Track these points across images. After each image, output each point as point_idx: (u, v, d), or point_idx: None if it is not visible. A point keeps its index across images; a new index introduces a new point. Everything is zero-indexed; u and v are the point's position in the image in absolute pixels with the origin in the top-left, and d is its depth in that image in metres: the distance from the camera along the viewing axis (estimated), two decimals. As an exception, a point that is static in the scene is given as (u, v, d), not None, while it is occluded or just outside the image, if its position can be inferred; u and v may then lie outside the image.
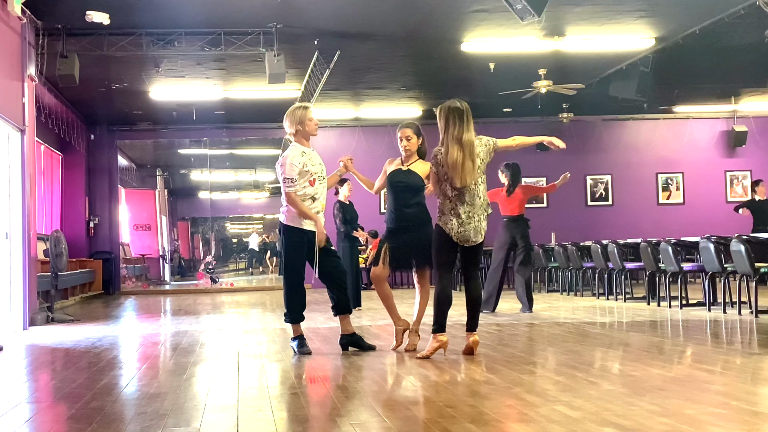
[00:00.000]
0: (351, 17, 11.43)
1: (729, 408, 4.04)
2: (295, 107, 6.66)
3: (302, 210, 6.39)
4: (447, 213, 6.04)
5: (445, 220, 6.05)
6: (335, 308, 6.60)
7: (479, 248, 6.13)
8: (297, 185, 6.38)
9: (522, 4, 8.98)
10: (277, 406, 4.43)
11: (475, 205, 6.03)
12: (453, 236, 6.00)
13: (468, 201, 6.01)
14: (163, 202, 24.68)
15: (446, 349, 6.09)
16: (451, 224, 6.01)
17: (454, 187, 6.00)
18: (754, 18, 10.89)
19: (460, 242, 6.02)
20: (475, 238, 6.04)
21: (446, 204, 6.05)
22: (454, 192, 6.01)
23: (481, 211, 6.07)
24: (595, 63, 13.99)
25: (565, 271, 13.89)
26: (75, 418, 4.24)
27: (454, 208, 6.01)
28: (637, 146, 19.35)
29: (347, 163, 6.83)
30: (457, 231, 5.99)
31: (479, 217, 6.04)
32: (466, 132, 6.03)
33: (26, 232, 9.98)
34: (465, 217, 5.99)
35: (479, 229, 6.05)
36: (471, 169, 5.99)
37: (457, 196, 6.01)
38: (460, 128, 6.02)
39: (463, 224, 5.99)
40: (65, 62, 11.33)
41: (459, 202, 6.00)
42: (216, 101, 16.12)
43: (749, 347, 6.45)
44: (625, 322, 8.86)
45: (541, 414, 3.94)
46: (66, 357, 7.13)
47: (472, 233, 6.02)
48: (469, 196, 6.01)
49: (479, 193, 6.07)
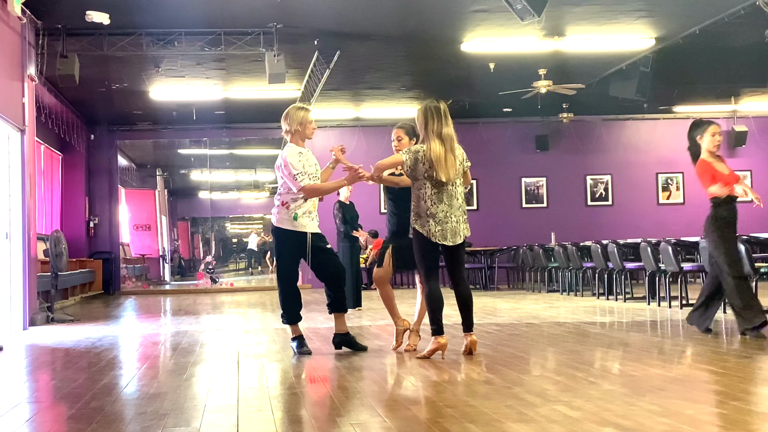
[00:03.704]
0: (351, 17, 11.43)
1: (729, 408, 4.04)
2: (296, 107, 6.64)
3: (329, 187, 6.63)
4: (423, 215, 6.01)
5: (421, 222, 6.02)
6: (331, 306, 6.58)
7: (461, 249, 6.09)
8: (306, 177, 6.35)
9: (522, 4, 8.98)
10: (277, 406, 4.43)
11: (453, 205, 6.00)
12: (431, 237, 5.98)
13: (446, 201, 5.99)
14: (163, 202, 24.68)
15: (445, 351, 6.08)
16: (428, 226, 5.98)
17: (435, 184, 5.98)
18: (754, 18, 10.90)
19: (438, 242, 6.01)
20: (453, 239, 6.00)
21: (421, 206, 6.02)
22: (432, 191, 6.00)
23: (460, 213, 6.03)
24: (595, 63, 13.99)
25: (565, 271, 13.89)
26: (75, 418, 4.24)
27: (429, 208, 5.98)
28: (637, 146, 19.36)
29: (338, 154, 6.71)
30: (434, 231, 5.97)
31: (457, 218, 6.01)
32: (446, 126, 6.02)
33: (26, 232, 9.98)
34: (442, 216, 5.97)
35: (457, 230, 6.00)
36: (453, 163, 5.98)
37: (436, 195, 5.98)
38: (439, 123, 6.01)
39: (441, 223, 5.97)
40: (65, 62, 11.33)
41: (437, 201, 5.98)
42: (216, 101, 16.13)
43: (749, 347, 6.44)
44: (625, 322, 8.86)
45: (541, 414, 3.94)
46: (66, 357, 7.12)
47: (450, 234, 5.98)
48: (447, 196, 5.99)
49: (458, 194, 6.05)
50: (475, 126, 18.17)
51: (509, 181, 19.08)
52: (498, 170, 18.81)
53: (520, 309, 10.74)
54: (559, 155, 19.20)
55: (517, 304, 11.63)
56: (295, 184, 6.36)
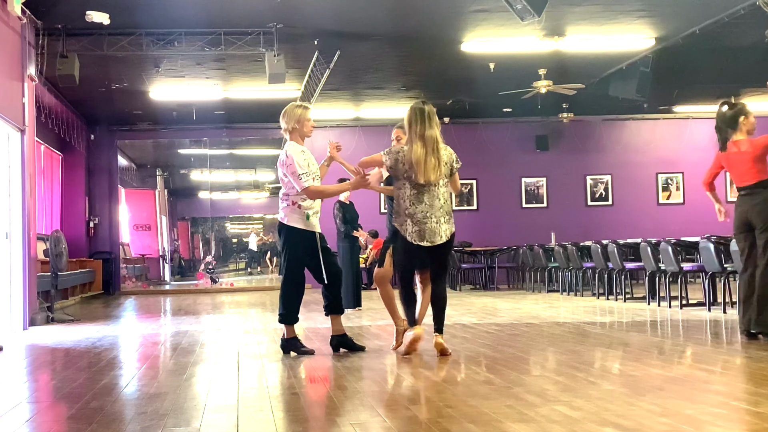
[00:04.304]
0: (351, 17, 11.42)
1: (729, 408, 4.04)
2: (294, 105, 6.62)
3: (333, 191, 6.75)
4: (402, 215, 6.02)
5: (400, 221, 6.03)
6: (328, 308, 6.55)
7: (442, 250, 6.06)
8: (311, 177, 6.31)
9: (522, 4, 8.98)
10: (277, 406, 4.43)
11: (434, 206, 5.99)
12: (408, 237, 5.98)
13: (426, 201, 5.98)
14: (163, 202, 24.69)
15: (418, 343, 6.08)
16: (405, 225, 5.99)
17: (415, 185, 5.98)
18: (754, 18, 10.90)
19: (415, 242, 6.00)
20: (431, 239, 5.98)
21: (401, 205, 6.02)
22: (412, 191, 5.99)
23: (441, 213, 6.00)
24: (595, 63, 13.99)
25: (565, 271, 13.89)
26: (75, 418, 4.24)
27: (408, 208, 5.98)
28: (637, 146, 19.36)
29: (333, 151, 6.66)
30: (410, 231, 5.98)
31: (438, 218, 5.99)
32: (429, 129, 6.01)
33: (26, 232, 9.98)
34: (420, 217, 5.97)
35: (436, 230, 5.98)
36: (435, 165, 5.96)
37: (415, 195, 5.98)
38: (422, 126, 6.01)
39: (418, 223, 5.97)
40: (65, 62, 11.33)
41: (416, 201, 5.98)
42: (216, 101, 16.13)
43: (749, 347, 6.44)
44: (625, 322, 8.86)
45: (541, 414, 3.94)
46: (66, 357, 7.13)
47: (428, 234, 5.97)
48: (428, 197, 5.98)
49: (440, 195, 6.02)
50: (475, 126, 18.14)
51: (509, 181, 19.07)
52: (498, 170, 18.80)
53: (520, 309, 10.74)
54: (559, 155, 19.20)
55: (517, 304, 11.62)
56: (299, 184, 6.30)
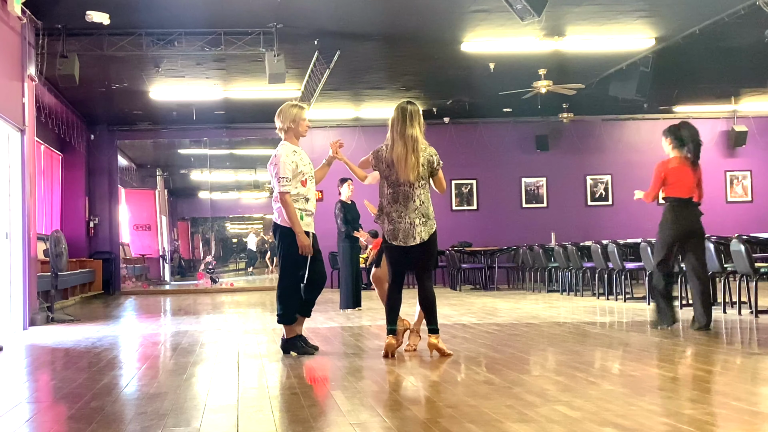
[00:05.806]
0: (351, 17, 11.43)
1: (729, 408, 4.04)
2: (290, 104, 6.61)
3: (292, 213, 6.23)
4: (382, 213, 6.10)
5: (381, 220, 6.11)
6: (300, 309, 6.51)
7: (422, 251, 6.04)
8: (291, 185, 6.29)
9: (522, 4, 8.98)
10: (277, 406, 4.43)
11: (408, 207, 6.00)
12: (385, 235, 6.06)
13: (401, 201, 6.01)
14: (163, 202, 24.68)
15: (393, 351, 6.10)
16: (384, 224, 6.07)
17: (392, 183, 6.01)
18: (754, 18, 10.90)
19: (390, 241, 6.03)
20: (405, 240, 5.99)
21: (381, 203, 6.12)
22: (389, 190, 6.04)
23: (416, 215, 5.99)
24: (595, 63, 13.99)
25: (565, 271, 13.89)
26: (75, 418, 4.24)
27: (385, 207, 6.06)
28: (637, 146, 19.34)
29: (335, 149, 6.64)
30: (386, 229, 6.04)
31: (412, 220, 5.99)
32: (410, 128, 6.04)
33: (26, 232, 9.98)
34: (395, 216, 6.01)
35: (409, 232, 5.98)
36: (414, 165, 5.97)
37: (391, 195, 6.03)
38: (403, 125, 6.05)
39: (393, 222, 6.02)
40: (65, 62, 11.33)
41: (392, 201, 6.03)
42: (216, 101, 16.13)
43: (749, 347, 6.44)
44: (625, 322, 8.86)
45: (541, 414, 3.94)
46: (66, 357, 7.13)
47: (401, 234, 5.99)
48: (402, 197, 6.01)
49: (416, 196, 6.00)
50: (475, 126, 18.14)
51: (509, 181, 19.07)
52: (498, 170, 18.81)
53: (520, 309, 10.74)
54: (559, 155, 19.20)
55: (517, 304, 11.62)
56: (278, 186, 6.29)
